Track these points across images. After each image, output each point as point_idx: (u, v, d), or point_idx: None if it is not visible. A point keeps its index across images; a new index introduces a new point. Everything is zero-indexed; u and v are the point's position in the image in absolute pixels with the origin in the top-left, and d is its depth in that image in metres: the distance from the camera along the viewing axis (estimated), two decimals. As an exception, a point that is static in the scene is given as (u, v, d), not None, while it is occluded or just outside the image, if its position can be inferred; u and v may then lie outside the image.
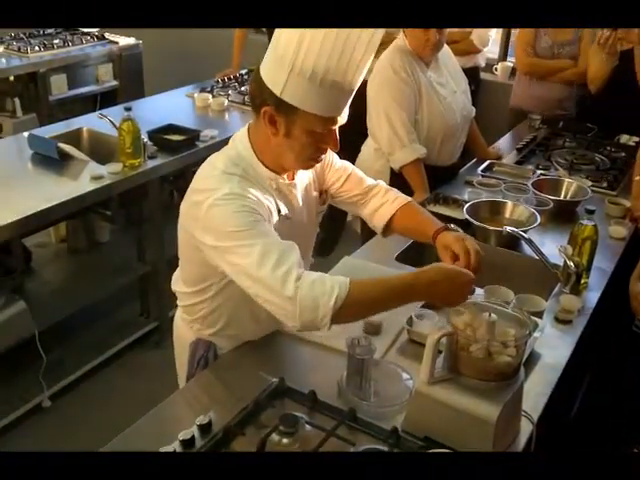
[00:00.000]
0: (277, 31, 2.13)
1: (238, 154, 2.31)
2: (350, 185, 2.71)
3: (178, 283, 2.59)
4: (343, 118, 2.21)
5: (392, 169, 4.02)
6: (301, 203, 2.48)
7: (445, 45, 4.08)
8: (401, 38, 4.02)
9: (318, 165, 2.48)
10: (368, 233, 3.49)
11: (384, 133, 3.97)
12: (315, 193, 2.60)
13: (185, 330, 2.65)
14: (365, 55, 2.09)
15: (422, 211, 2.75)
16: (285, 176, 2.38)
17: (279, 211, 2.33)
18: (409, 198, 2.75)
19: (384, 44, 3.68)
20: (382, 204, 2.71)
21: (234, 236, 2.10)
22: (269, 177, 2.32)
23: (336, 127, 2.22)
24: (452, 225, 2.63)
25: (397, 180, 3.90)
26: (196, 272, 2.45)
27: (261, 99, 2.17)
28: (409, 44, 3.96)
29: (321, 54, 2.04)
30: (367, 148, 4.23)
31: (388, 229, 2.73)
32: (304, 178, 2.51)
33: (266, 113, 2.17)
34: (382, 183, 2.81)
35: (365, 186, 2.74)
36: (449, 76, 4.17)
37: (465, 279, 2.19)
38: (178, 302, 2.64)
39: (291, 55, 2.06)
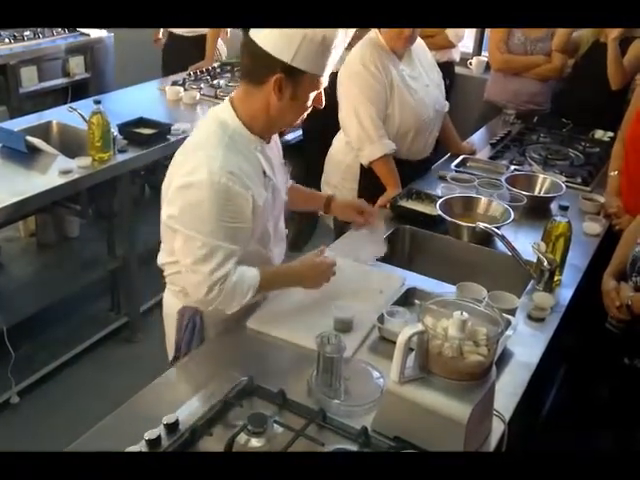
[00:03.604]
0: None
1: (223, 123, 2.52)
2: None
3: (162, 255, 2.75)
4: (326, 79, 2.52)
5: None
6: (277, 166, 2.73)
7: (419, 39, 4.06)
8: (373, 31, 3.97)
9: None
10: (341, 228, 3.48)
11: (353, 128, 3.91)
12: (282, 160, 2.87)
13: (172, 301, 2.80)
14: None
15: (302, 187, 3.24)
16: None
17: (264, 172, 2.58)
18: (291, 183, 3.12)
19: (357, 38, 3.67)
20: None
21: (196, 230, 2.43)
22: (254, 141, 2.55)
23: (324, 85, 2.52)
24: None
25: (368, 174, 3.89)
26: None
27: (268, 69, 2.38)
28: (382, 37, 3.90)
29: None
30: (338, 142, 4.19)
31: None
32: (276, 145, 2.79)
33: (277, 80, 2.38)
34: None
35: None
36: (422, 70, 4.12)
37: (324, 267, 2.75)
38: (165, 274, 2.78)
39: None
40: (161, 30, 6.61)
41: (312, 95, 2.49)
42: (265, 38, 2.35)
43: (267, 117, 2.50)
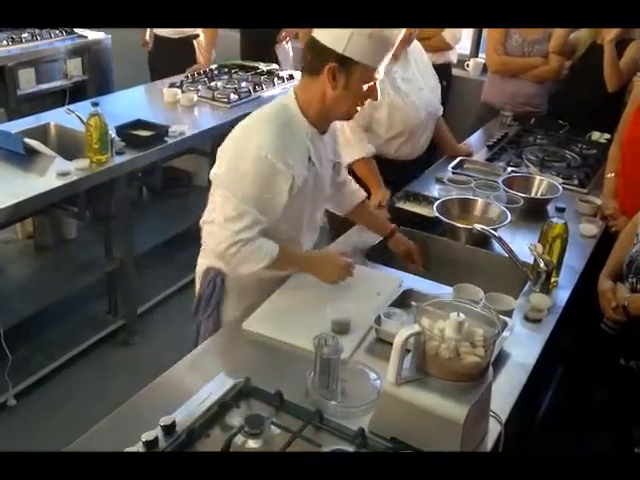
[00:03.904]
0: None
1: (285, 106, 2.73)
2: (340, 170, 3.19)
3: (205, 213, 2.94)
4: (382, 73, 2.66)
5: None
6: (324, 159, 2.88)
7: (416, 41, 4.05)
8: None
9: (334, 134, 3.03)
10: (335, 229, 3.49)
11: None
12: (332, 157, 3.00)
13: (202, 261, 3.07)
14: None
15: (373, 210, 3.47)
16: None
17: (309, 157, 2.75)
18: (363, 195, 3.34)
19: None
20: (353, 193, 3.29)
21: (233, 193, 2.65)
22: (307, 129, 2.73)
23: (378, 78, 2.65)
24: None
25: (350, 174, 3.88)
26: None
27: (322, 59, 2.56)
28: None
29: None
30: None
31: (348, 214, 3.35)
32: (329, 141, 2.95)
33: (330, 69, 2.55)
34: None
35: (345, 175, 3.27)
36: (417, 72, 4.11)
37: (342, 264, 2.87)
38: (202, 234, 3.00)
39: None
40: (147, 33, 6.60)
41: (365, 87, 2.62)
42: (322, 32, 2.55)
43: (322, 106, 2.68)
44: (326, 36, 2.54)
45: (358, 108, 2.73)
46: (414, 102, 4.02)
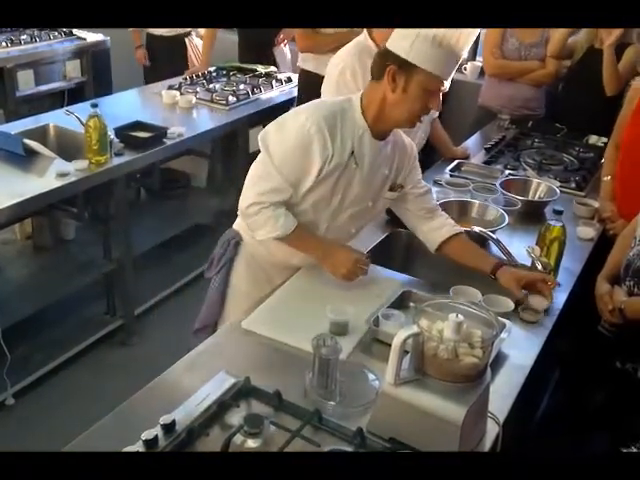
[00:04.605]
0: None
1: (350, 100, 2.80)
2: (425, 199, 3.11)
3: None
4: (447, 85, 2.65)
5: None
6: (371, 164, 2.85)
7: None
8: (364, 37, 3.74)
9: (409, 162, 3.02)
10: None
11: None
12: (387, 173, 2.95)
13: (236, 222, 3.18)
14: None
15: (473, 244, 3.15)
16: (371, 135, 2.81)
17: (352, 153, 2.77)
18: (460, 229, 3.12)
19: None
20: (444, 225, 3.09)
21: (270, 156, 2.74)
22: (361, 125, 2.76)
23: (443, 89, 2.65)
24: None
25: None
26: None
27: (385, 62, 2.62)
28: (376, 45, 3.60)
29: None
30: None
31: (440, 249, 3.10)
32: (388, 153, 2.92)
33: (390, 70, 2.60)
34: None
35: (433, 205, 3.15)
36: None
37: (354, 259, 2.86)
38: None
39: None
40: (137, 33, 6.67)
41: (426, 95, 2.63)
42: (390, 37, 2.62)
43: (381, 108, 2.71)
44: (391, 40, 2.61)
45: (419, 116, 2.73)
46: None
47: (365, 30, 3.78)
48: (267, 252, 3.04)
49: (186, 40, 6.55)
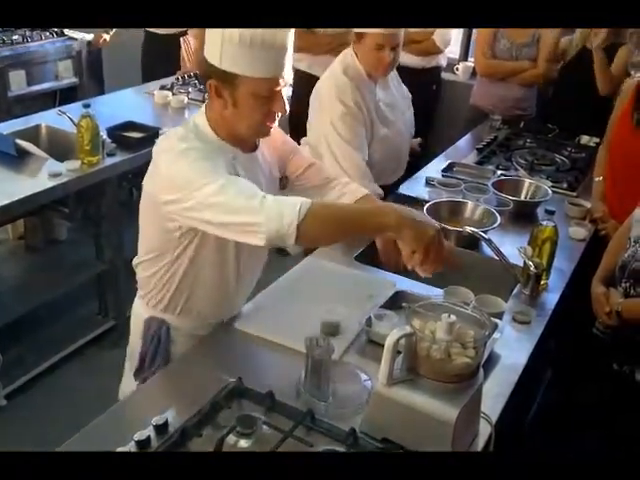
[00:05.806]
0: None
1: (196, 127, 2.39)
2: (310, 174, 2.76)
3: (137, 258, 2.62)
4: (286, 79, 2.31)
5: None
6: (265, 180, 2.53)
7: None
8: (349, 55, 3.57)
9: (283, 150, 2.69)
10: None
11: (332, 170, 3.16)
12: (277, 174, 2.67)
13: (140, 308, 2.69)
14: None
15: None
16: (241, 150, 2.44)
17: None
18: (366, 190, 2.79)
19: (344, 45, 3.61)
20: (343, 194, 2.73)
21: (194, 180, 2.20)
22: (229, 150, 2.38)
23: (280, 88, 2.30)
24: None
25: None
26: (152, 237, 2.51)
27: (207, 75, 2.29)
28: (360, 63, 3.52)
29: None
30: (302, 146, 3.55)
31: None
32: (267, 156, 2.59)
33: (211, 86, 2.29)
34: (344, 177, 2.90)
35: (325, 177, 2.79)
36: (396, 93, 3.85)
37: (433, 231, 2.27)
38: (137, 277, 2.66)
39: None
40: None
41: (262, 102, 2.28)
42: (205, 43, 2.27)
43: (226, 125, 2.37)
44: (206, 48, 2.27)
45: (271, 122, 2.38)
46: (401, 130, 3.83)
47: (351, 48, 3.59)
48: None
49: (181, 40, 6.54)
